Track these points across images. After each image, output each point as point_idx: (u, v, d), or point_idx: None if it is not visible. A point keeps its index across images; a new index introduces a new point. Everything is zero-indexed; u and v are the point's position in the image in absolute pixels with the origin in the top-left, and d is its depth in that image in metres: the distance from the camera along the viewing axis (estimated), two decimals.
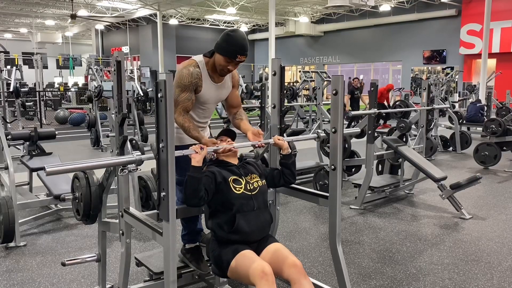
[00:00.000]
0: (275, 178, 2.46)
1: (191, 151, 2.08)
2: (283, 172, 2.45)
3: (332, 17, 25.14)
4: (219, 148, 2.23)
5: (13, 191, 3.63)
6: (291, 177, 2.47)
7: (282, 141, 2.39)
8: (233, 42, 2.35)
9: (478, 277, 3.08)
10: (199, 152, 2.07)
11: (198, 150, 2.07)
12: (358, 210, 4.64)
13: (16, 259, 3.34)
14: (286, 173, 2.45)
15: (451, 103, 12.31)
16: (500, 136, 6.71)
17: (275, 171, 2.49)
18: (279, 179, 2.46)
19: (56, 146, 8.04)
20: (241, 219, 2.17)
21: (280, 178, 2.45)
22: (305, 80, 11.97)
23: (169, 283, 1.95)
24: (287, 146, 2.41)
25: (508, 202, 4.98)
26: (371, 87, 4.64)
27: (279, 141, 2.38)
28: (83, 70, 19.33)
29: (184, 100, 2.39)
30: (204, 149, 2.09)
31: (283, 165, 2.45)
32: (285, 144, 2.40)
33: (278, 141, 2.39)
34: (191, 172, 2.07)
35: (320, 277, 3.04)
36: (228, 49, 2.36)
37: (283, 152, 2.42)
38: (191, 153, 2.08)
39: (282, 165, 2.46)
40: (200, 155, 2.08)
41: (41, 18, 25.03)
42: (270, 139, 2.43)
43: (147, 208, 4.09)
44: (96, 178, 2.58)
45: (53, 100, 17.08)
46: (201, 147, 2.09)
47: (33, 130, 4.81)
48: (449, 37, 20.66)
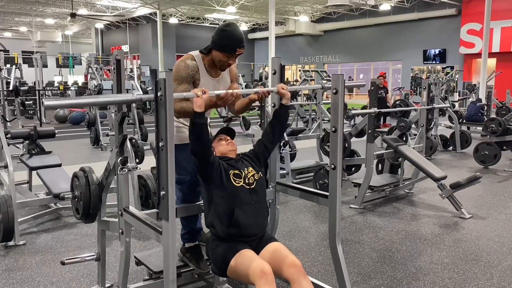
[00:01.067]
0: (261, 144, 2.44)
1: (193, 94, 2.02)
2: (273, 125, 2.44)
3: (332, 16, 25.14)
4: (221, 92, 2.16)
5: (12, 190, 3.63)
6: (280, 131, 2.47)
7: (286, 90, 2.37)
8: (230, 37, 2.35)
9: (478, 276, 3.08)
10: (201, 96, 2.02)
11: (199, 93, 2.02)
12: (358, 210, 4.64)
13: (16, 258, 3.34)
14: (276, 126, 2.44)
15: (451, 103, 12.32)
16: (500, 136, 6.70)
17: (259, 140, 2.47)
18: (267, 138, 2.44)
19: (56, 145, 8.03)
20: (239, 213, 2.17)
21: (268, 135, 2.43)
22: (305, 79, 11.96)
23: (169, 282, 1.94)
24: (289, 96, 2.39)
25: (508, 201, 4.98)
26: (371, 86, 4.64)
27: (282, 90, 2.36)
28: (82, 69, 19.33)
29: (182, 91, 2.38)
30: (206, 92, 2.03)
31: (278, 116, 2.44)
32: (288, 93, 2.38)
33: (282, 90, 2.36)
34: (194, 118, 2.05)
35: (320, 276, 3.04)
36: (227, 46, 2.36)
37: (283, 101, 2.40)
38: (192, 96, 2.03)
39: (277, 116, 2.45)
40: (202, 99, 2.02)
41: (41, 17, 25.03)
42: (274, 87, 2.40)
43: (147, 207, 4.09)
44: (96, 177, 2.58)
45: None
46: (203, 91, 2.03)
47: (32, 129, 4.81)
48: (449, 36, 20.67)
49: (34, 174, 4.48)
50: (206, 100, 2.06)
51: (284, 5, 22.21)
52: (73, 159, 7.25)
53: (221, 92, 2.16)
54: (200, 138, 2.09)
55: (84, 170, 2.61)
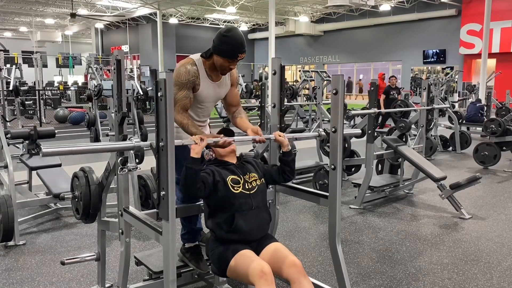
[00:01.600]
0: (274, 175, 2.45)
1: (191, 142, 2.07)
2: (282, 169, 2.44)
3: (332, 16, 25.15)
4: (219, 140, 2.19)
5: (12, 189, 3.63)
6: (291, 174, 2.46)
7: (283, 138, 2.37)
8: (232, 43, 2.34)
9: (478, 277, 3.08)
10: (199, 143, 2.06)
11: (197, 141, 2.06)
12: (357, 210, 4.64)
13: (16, 258, 3.34)
14: (286, 170, 2.44)
15: (451, 103, 12.31)
16: (499, 136, 6.71)
17: (274, 168, 2.48)
18: (278, 175, 2.45)
19: (56, 145, 8.02)
20: (239, 219, 2.17)
21: (279, 175, 2.44)
22: (305, 80, 11.96)
23: (169, 282, 1.94)
24: (288, 143, 2.39)
25: (507, 202, 4.99)
26: (371, 86, 4.64)
27: (280, 137, 2.37)
28: (82, 69, 19.32)
29: (182, 98, 2.38)
30: (204, 140, 2.07)
31: (283, 162, 2.44)
32: (285, 141, 2.38)
33: (279, 137, 2.37)
34: (189, 164, 2.06)
35: (320, 276, 3.04)
36: (228, 51, 2.36)
37: (283, 149, 2.41)
38: (190, 144, 2.07)
39: (281, 162, 2.45)
40: (200, 146, 2.06)
41: (41, 17, 25.03)
42: (271, 135, 2.42)
43: (147, 207, 4.09)
44: (96, 177, 2.58)
45: (52, 99, 17.07)
46: (201, 138, 2.08)
47: (32, 129, 4.80)
48: (449, 37, 20.68)
49: (34, 174, 4.49)
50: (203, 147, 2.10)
51: (284, 5, 22.21)
52: (73, 159, 7.24)
53: (219, 139, 2.19)
54: (192, 183, 2.09)
55: (84, 170, 2.61)
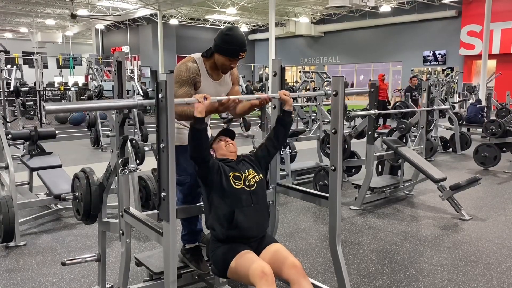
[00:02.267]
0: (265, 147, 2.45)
1: (194, 100, 2.03)
2: (277, 130, 2.45)
3: (332, 17, 25.16)
4: (223, 98, 2.17)
5: (13, 190, 3.64)
6: (284, 137, 2.48)
7: (288, 96, 2.38)
8: (233, 41, 2.36)
9: (478, 278, 3.08)
10: (202, 101, 2.03)
11: (201, 99, 2.03)
12: (358, 211, 4.65)
13: (16, 259, 3.35)
14: (280, 132, 2.45)
15: (451, 104, 12.32)
16: (500, 137, 6.71)
17: (263, 144, 2.48)
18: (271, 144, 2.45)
19: (56, 145, 8.04)
20: (239, 215, 2.18)
21: (272, 142, 2.45)
22: (305, 81, 11.97)
23: (169, 283, 1.95)
24: (292, 102, 2.40)
25: (507, 203, 4.99)
26: (371, 87, 4.65)
27: (285, 96, 2.37)
28: (83, 69, 19.35)
29: (183, 94, 2.39)
30: (207, 98, 2.04)
31: (281, 122, 2.45)
32: (290, 99, 2.39)
33: (284, 96, 2.37)
34: (194, 123, 2.06)
35: (320, 277, 3.05)
36: (229, 50, 2.37)
37: (285, 107, 2.41)
38: (194, 102, 2.04)
39: (279, 122, 2.46)
40: (203, 104, 2.03)
41: (42, 18, 25.05)
42: (276, 93, 2.41)
43: (147, 208, 4.10)
44: (97, 178, 2.58)
45: (53, 99, 17.09)
46: (205, 97, 2.04)
47: (33, 129, 4.81)
48: (449, 38, 20.67)
49: (35, 175, 4.49)
50: (207, 106, 2.07)
51: (284, 6, 22.22)
52: (73, 160, 7.26)
53: (223, 98, 2.17)
54: (199, 144, 2.10)
55: (85, 171, 2.62)
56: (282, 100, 2.39)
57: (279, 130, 2.46)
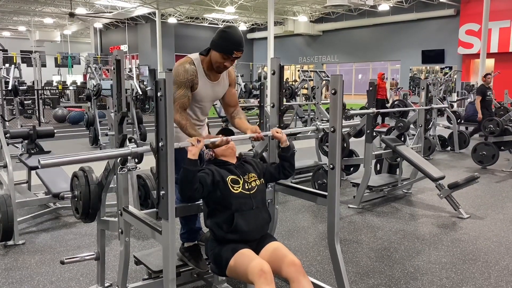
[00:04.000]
0: (274, 172, 2.46)
1: (188, 144, 2.08)
2: (282, 165, 2.45)
3: (331, 16, 25.16)
4: (216, 139, 2.21)
5: (11, 189, 3.64)
6: (291, 169, 2.48)
7: (281, 134, 2.39)
8: (229, 38, 2.37)
9: (476, 276, 3.09)
10: (196, 144, 2.07)
11: (194, 142, 2.07)
12: (356, 209, 4.65)
13: (15, 257, 3.35)
14: (286, 166, 2.45)
15: (449, 103, 12.34)
16: (498, 136, 6.72)
17: (273, 166, 2.49)
18: (278, 172, 2.46)
19: (55, 144, 8.02)
20: (239, 219, 2.18)
21: (280, 171, 2.46)
22: (304, 80, 11.97)
23: (168, 281, 1.95)
24: (286, 139, 2.41)
25: (505, 201, 5.00)
26: (370, 86, 4.65)
27: (277, 133, 2.39)
28: (81, 68, 19.29)
29: (181, 97, 2.40)
30: (200, 141, 2.08)
31: (282, 158, 2.46)
32: (283, 136, 2.40)
33: (277, 133, 2.39)
34: (186, 165, 2.07)
35: (319, 275, 3.05)
36: (224, 46, 2.37)
37: (281, 144, 2.42)
38: (187, 146, 2.08)
39: (281, 158, 2.47)
40: (197, 148, 2.07)
41: (40, 16, 25.01)
42: (269, 131, 2.43)
43: (146, 207, 4.10)
44: (95, 177, 2.58)
45: (51, 98, 17.05)
46: (198, 140, 2.09)
47: (31, 128, 4.81)
48: (448, 36, 20.69)
49: (33, 173, 4.49)
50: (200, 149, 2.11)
51: (283, 5, 22.21)
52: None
53: (216, 139, 2.21)
54: (191, 184, 2.10)
55: (83, 169, 2.62)
56: (275, 138, 2.41)
57: (284, 165, 2.46)
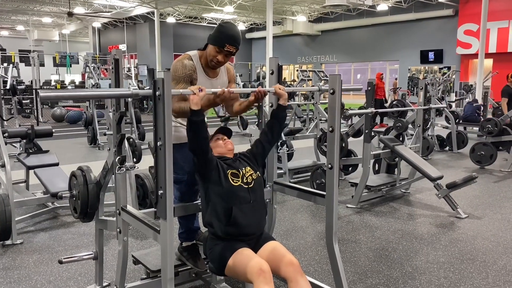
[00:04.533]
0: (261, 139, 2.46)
1: (189, 92, 2.04)
2: (271, 125, 2.46)
3: (329, 16, 25.17)
4: (218, 90, 2.18)
5: (9, 189, 3.63)
6: (279, 130, 2.49)
7: (283, 91, 2.40)
8: (223, 31, 2.39)
9: (474, 275, 3.10)
10: (197, 93, 2.03)
11: (196, 91, 2.03)
12: (354, 209, 4.66)
13: (13, 257, 3.34)
14: (275, 126, 2.46)
15: (447, 103, 12.35)
16: (496, 136, 6.73)
17: (257, 140, 2.50)
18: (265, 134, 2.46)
19: (53, 144, 8.01)
20: (238, 212, 2.18)
21: (267, 133, 2.46)
22: (303, 79, 11.97)
23: (166, 281, 1.95)
24: (287, 96, 2.42)
25: (503, 201, 5.01)
26: (368, 86, 4.65)
27: (279, 90, 2.39)
28: (80, 68, 19.27)
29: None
30: (202, 90, 2.05)
31: (276, 116, 2.46)
32: (285, 94, 2.40)
33: (279, 90, 2.39)
34: (190, 116, 2.06)
35: (317, 275, 3.06)
36: (218, 38, 2.40)
37: (281, 101, 2.43)
38: (189, 94, 2.04)
39: (274, 116, 2.47)
40: (198, 96, 2.03)
41: (38, 16, 24.96)
42: (271, 88, 2.43)
43: (144, 206, 4.09)
44: (94, 176, 2.58)
45: None
46: (200, 89, 2.04)
47: (29, 128, 4.80)
48: (446, 37, 20.72)
49: (32, 173, 4.48)
50: (203, 98, 2.08)
51: (281, 5, 22.21)
52: (70, 158, 7.24)
53: (218, 90, 2.18)
54: (198, 135, 2.10)
55: (82, 169, 2.62)
56: (277, 93, 2.41)
57: (273, 124, 2.47)
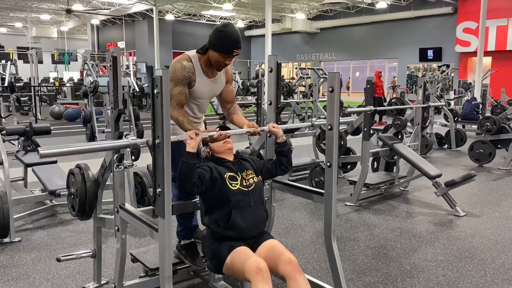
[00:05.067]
0: (271, 168, 2.46)
1: (186, 137, 2.08)
2: (279, 160, 2.45)
3: (328, 14, 25.13)
4: (214, 133, 2.21)
5: (7, 186, 3.62)
6: (288, 164, 2.48)
7: (277, 129, 2.39)
8: (228, 38, 2.36)
9: (472, 274, 3.10)
10: (194, 138, 2.07)
11: (193, 135, 2.07)
12: (353, 207, 4.66)
13: (11, 255, 3.33)
14: (283, 161, 2.45)
15: (446, 101, 12.35)
16: (494, 134, 6.74)
17: (269, 162, 2.49)
18: (276, 168, 2.46)
19: (51, 141, 7.99)
20: (237, 215, 2.17)
21: (277, 167, 2.45)
22: (302, 77, 11.95)
23: (165, 279, 1.95)
24: (282, 134, 2.41)
25: (502, 199, 5.02)
26: (367, 84, 4.65)
27: (274, 128, 2.39)
28: (78, 65, 19.16)
29: (178, 93, 2.39)
30: (199, 135, 2.09)
31: (279, 153, 2.46)
32: (279, 131, 2.40)
33: (273, 128, 2.39)
34: (185, 158, 2.07)
35: (315, 273, 3.06)
36: (224, 46, 2.37)
37: (278, 139, 2.43)
38: (186, 139, 2.08)
39: (278, 153, 2.47)
40: (195, 141, 2.07)
41: (36, 13, 24.87)
42: (265, 126, 2.43)
43: (143, 204, 4.09)
44: (92, 174, 2.58)
45: (48, 95, 16.99)
46: (196, 133, 2.09)
47: (28, 125, 4.78)
48: (445, 34, 20.71)
49: (30, 170, 4.47)
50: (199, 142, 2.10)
51: (280, 2, 22.17)
52: (68, 156, 7.22)
53: (214, 133, 2.21)
54: (189, 178, 2.10)
55: (80, 167, 2.61)
56: (272, 132, 2.42)
57: (281, 160, 2.46)
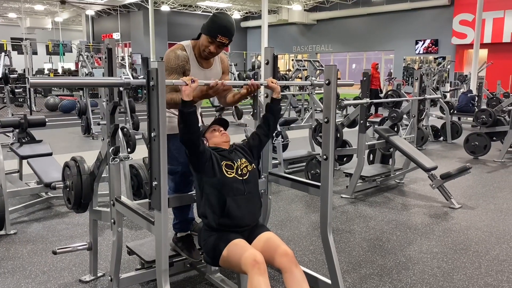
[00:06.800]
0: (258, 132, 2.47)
1: (182, 82, 2.02)
2: (267, 118, 2.46)
3: (325, 5, 25.02)
4: (211, 82, 2.17)
5: (2, 178, 3.60)
6: (273, 124, 2.48)
7: (276, 84, 2.39)
8: (217, 21, 2.37)
9: (466, 265, 3.13)
10: (190, 84, 2.02)
11: (188, 82, 2.02)
12: (349, 199, 4.67)
13: (7, 247, 3.33)
14: (270, 120, 2.46)
15: (442, 93, 12.37)
16: (490, 126, 6.76)
17: (254, 133, 2.50)
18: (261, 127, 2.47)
19: (46, 133, 7.95)
20: (232, 203, 2.18)
21: (262, 127, 2.46)
22: (298, 69, 11.92)
23: (161, 271, 1.95)
24: (279, 90, 2.41)
25: (496, 192, 5.05)
26: (363, 76, 4.64)
27: (272, 83, 2.38)
28: (73, 56, 19.05)
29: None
30: (195, 81, 2.04)
31: (270, 110, 2.46)
32: (278, 87, 2.39)
33: (272, 83, 2.38)
34: (181, 107, 2.04)
35: (311, 265, 3.07)
36: (210, 28, 2.37)
37: (274, 95, 2.42)
38: (181, 84, 2.02)
39: (268, 110, 2.47)
40: (191, 87, 2.02)
41: (30, 3, 24.60)
42: (263, 80, 2.41)
43: (139, 197, 4.08)
44: (87, 166, 2.57)
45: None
46: (192, 80, 2.03)
47: (22, 117, 4.75)
48: (442, 27, 20.71)
49: (25, 163, 4.45)
50: (196, 89, 2.06)
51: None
52: (64, 148, 7.20)
53: (211, 81, 2.16)
54: (188, 127, 2.08)
55: (75, 159, 2.60)
56: (270, 87, 2.40)
57: (269, 117, 2.46)
